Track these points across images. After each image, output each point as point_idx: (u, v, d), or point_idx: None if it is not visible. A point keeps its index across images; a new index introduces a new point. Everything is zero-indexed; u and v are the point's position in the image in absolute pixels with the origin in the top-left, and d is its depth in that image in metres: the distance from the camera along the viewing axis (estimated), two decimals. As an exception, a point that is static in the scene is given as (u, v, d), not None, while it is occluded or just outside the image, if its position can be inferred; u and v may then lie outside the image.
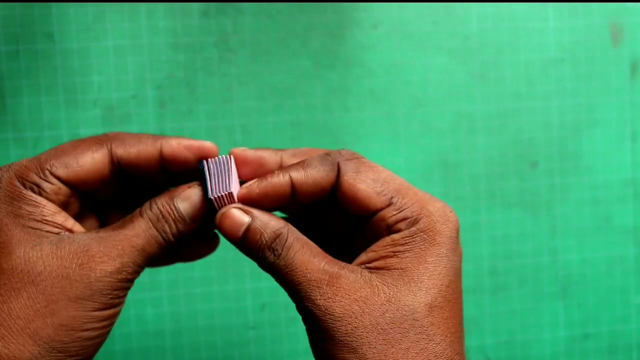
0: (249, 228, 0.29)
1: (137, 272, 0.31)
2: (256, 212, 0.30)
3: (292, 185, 0.31)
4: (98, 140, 0.32)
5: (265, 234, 0.29)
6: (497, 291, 0.51)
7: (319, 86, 0.48)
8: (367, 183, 0.30)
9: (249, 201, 0.31)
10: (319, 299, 0.28)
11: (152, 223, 0.30)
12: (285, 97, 0.48)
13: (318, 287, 0.28)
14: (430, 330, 0.28)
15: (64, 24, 0.46)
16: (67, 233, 0.30)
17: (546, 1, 0.50)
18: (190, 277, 0.48)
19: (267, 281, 0.50)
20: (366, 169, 0.31)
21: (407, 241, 0.29)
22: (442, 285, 0.29)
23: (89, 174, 0.31)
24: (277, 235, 0.29)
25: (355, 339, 0.28)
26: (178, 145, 0.32)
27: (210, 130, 0.47)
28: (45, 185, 0.30)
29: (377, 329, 0.28)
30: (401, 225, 0.30)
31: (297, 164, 0.31)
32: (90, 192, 0.32)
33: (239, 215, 0.30)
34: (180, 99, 0.47)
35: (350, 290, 0.28)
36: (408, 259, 0.29)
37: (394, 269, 0.29)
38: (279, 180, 0.31)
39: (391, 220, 0.30)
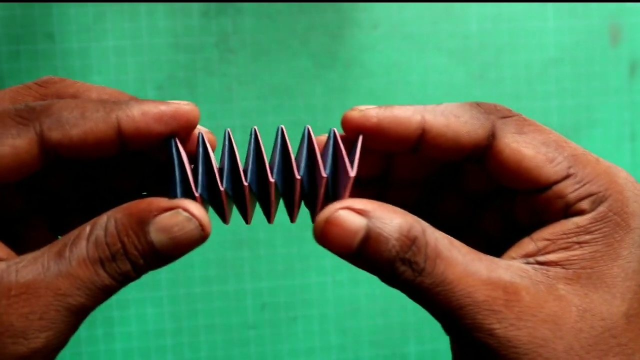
0: (368, 235, 0.20)
1: (71, 334, 0.21)
2: (372, 208, 0.21)
3: (423, 130, 0.23)
4: (20, 120, 0.21)
5: (394, 241, 0.20)
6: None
7: (319, 86, 0.48)
8: (536, 147, 0.22)
9: (356, 129, 0.23)
10: (498, 328, 0.20)
11: (101, 267, 0.20)
12: (286, 97, 0.48)
13: (493, 311, 0.20)
14: (629, 348, 0.21)
15: (65, 25, 0.46)
16: None
17: (545, 1, 0.50)
18: (191, 277, 0.48)
19: (267, 281, 0.50)
20: (531, 128, 0.23)
21: (596, 227, 0.22)
22: (637, 286, 0.22)
23: (6, 168, 0.21)
24: (412, 241, 0.20)
25: None
26: (143, 117, 0.22)
27: (210, 130, 0.47)
28: None
29: (571, 356, 0.21)
30: (584, 204, 0.22)
31: (435, 106, 0.23)
32: (18, 184, 0.23)
33: (350, 219, 0.20)
34: (180, 99, 0.47)
35: (535, 307, 0.21)
36: (599, 254, 0.21)
37: (580, 268, 0.21)
38: (407, 117, 0.23)
39: (572, 197, 0.22)
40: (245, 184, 0.22)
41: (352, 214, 0.20)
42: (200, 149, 0.23)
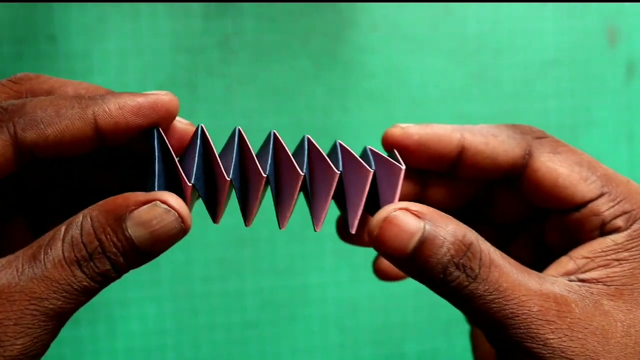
0: (424, 237, 0.20)
1: (51, 338, 0.21)
2: (428, 212, 0.21)
3: (462, 148, 0.23)
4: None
5: (449, 245, 0.20)
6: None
7: (319, 87, 0.49)
8: (570, 166, 0.23)
9: (397, 146, 0.24)
10: (553, 339, 0.20)
11: (78, 268, 0.20)
12: (286, 98, 0.48)
13: (547, 321, 0.20)
14: None
15: (66, 26, 0.46)
16: None
17: (544, 1, 0.50)
18: (191, 276, 0.48)
19: (268, 280, 0.51)
20: (565, 149, 0.24)
21: (633, 244, 0.22)
22: None
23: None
24: (467, 246, 0.20)
25: None
26: (121, 111, 0.21)
27: (211, 130, 0.47)
28: None
29: None
30: (619, 222, 0.23)
31: (474, 126, 0.24)
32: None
33: (407, 221, 0.20)
34: (181, 99, 0.47)
35: (585, 320, 0.21)
36: (637, 270, 0.22)
37: (621, 285, 0.22)
38: (447, 135, 0.23)
39: (607, 214, 0.23)
40: (264, 175, 0.22)
41: (409, 215, 0.20)
42: (199, 140, 0.23)
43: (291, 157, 0.23)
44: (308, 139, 0.23)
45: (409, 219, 0.20)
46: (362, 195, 0.22)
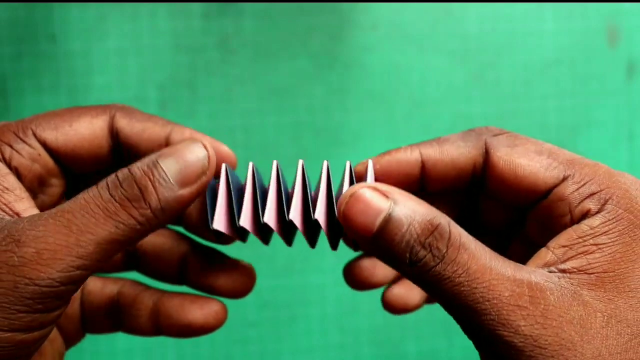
0: (390, 216, 0.20)
1: (77, 268, 0.21)
2: (397, 194, 0.20)
3: (422, 164, 0.24)
4: (101, 107, 0.25)
5: (416, 224, 0.20)
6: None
7: (319, 87, 0.49)
8: (529, 156, 0.23)
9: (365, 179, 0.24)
10: (524, 325, 0.19)
11: (107, 190, 0.21)
12: (286, 97, 0.48)
13: (518, 306, 0.19)
14: None
15: (66, 26, 0.46)
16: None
17: (544, 1, 0.50)
18: (192, 276, 0.48)
19: (268, 280, 0.51)
20: (523, 141, 0.23)
21: (609, 226, 0.21)
22: None
23: (83, 143, 0.24)
24: (433, 227, 0.20)
25: None
26: (190, 137, 0.25)
27: (211, 130, 0.48)
28: (20, 146, 0.23)
29: None
30: (589, 204, 0.21)
31: (431, 140, 0.24)
32: (79, 169, 0.25)
33: (374, 199, 0.20)
34: (181, 99, 0.48)
35: (561, 309, 0.20)
36: (618, 255, 0.21)
37: (602, 272, 0.21)
38: (406, 156, 0.24)
39: (573, 197, 0.22)
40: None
41: (377, 194, 0.20)
42: (249, 181, 0.25)
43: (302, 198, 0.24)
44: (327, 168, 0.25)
45: (376, 196, 0.20)
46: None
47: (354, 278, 0.30)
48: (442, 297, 0.21)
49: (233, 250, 0.32)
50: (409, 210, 0.20)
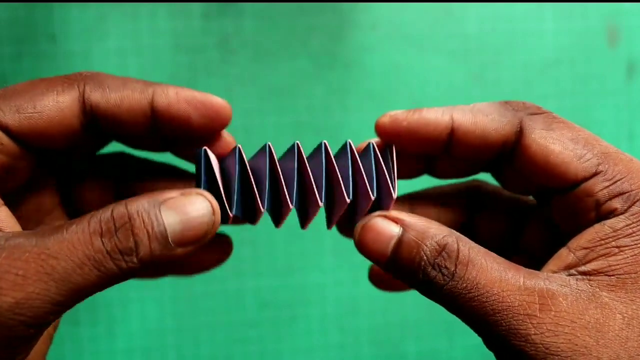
0: (400, 241, 0.21)
1: (51, 314, 0.19)
2: (407, 218, 0.22)
3: (452, 130, 0.23)
4: (67, 80, 0.22)
5: (425, 247, 0.21)
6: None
7: (319, 87, 0.49)
8: (563, 143, 0.22)
9: (387, 134, 0.23)
10: (534, 334, 0.20)
11: (99, 237, 0.19)
12: (286, 97, 0.48)
13: (528, 315, 0.20)
14: None
15: (66, 26, 0.46)
16: None
17: (544, 1, 0.50)
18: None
19: (268, 280, 0.51)
20: (560, 125, 0.23)
21: (633, 229, 0.21)
22: None
23: (51, 125, 0.22)
24: (441, 247, 0.21)
25: None
26: (176, 96, 0.23)
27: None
28: None
29: None
30: (616, 203, 0.21)
31: (464, 106, 0.24)
32: (50, 152, 0.23)
33: (384, 226, 0.21)
34: (181, 99, 0.48)
35: (574, 314, 0.20)
36: None
37: (624, 273, 0.20)
38: (436, 117, 0.23)
39: (601, 195, 0.21)
40: (291, 206, 0.23)
41: (387, 221, 0.21)
42: (238, 166, 0.24)
43: (314, 185, 0.23)
44: (325, 146, 0.24)
45: (386, 224, 0.21)
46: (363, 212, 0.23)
47: (376, 279, 0.29)
48: (458, 312, 0.21)
49: (233, 249, 0.32)
50: (418, 233, 0.21)
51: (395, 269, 0.21)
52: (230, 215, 0.23)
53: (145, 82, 0.23)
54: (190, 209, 0.20)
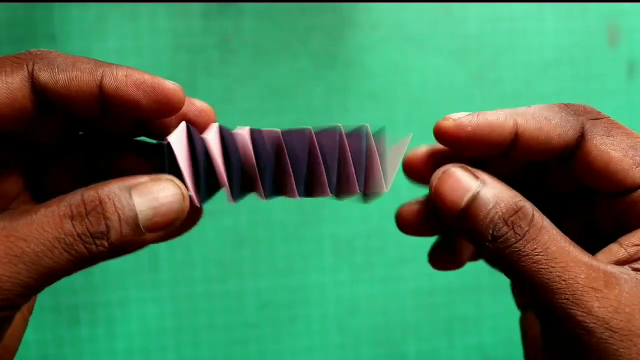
0: (477, 196, 0.21)
1: (21, 297, 0.19)
2: (487, 176, 0.22)
3: (516, 134, 0.23)
4: (16, 59, 0.21)
5: (502, 203, 0.21)
6: (496, 290, 0.51)
7: (319, 87, 0.49)
8: (623, 150, 0.23)
9: (450, 138, 0.23)
10: (598, 307, 0.20)
11: (69, 220, 0.19)
12: (286, 97, 0.48)
13: (593, 288, 0.20)
14: None
15: (66, 26, 0.46)
16: None
17: (544, 1, 0.50)
18: (191, 276, 0.48)
19: (267, 280, 0.51)
20: (619, 131, 0.23)
21: None
22: None
23: (1, 108, 0.21)
24: (518, 207, 0.21)
25: None
26: (125, 79, 0.22)
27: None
28: None
29: None
30: None
31: (524, 108, 0.24)
32: (8, 135, 0.23)
33: (464, 178, 0.22)
34: (181, 99, 0.48)
35: (634, 297, 0.20)
36: None
37: None
38: (500, 120, 0.23)
39: None
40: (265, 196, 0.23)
41: (468, 173, 0.22)
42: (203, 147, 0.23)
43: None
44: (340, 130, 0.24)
45: (466, 175, 0.22)
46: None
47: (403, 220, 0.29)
48: (519, 274, 0.21)
49: (232, 251, 0.32)
50: (496, 191, 0.21)
51: (465, 222, 0.21)
52: (198, 205, 0.22)
53: (97, 62, 0.22)
54: (160, 194, 0.20)
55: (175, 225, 0.21)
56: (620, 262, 0.22)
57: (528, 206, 0.21)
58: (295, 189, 0.23)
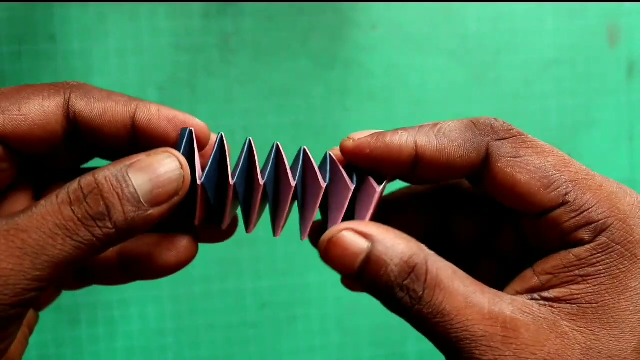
0: (368, 258, 0.21)
1: (29, 290, 0.19)
2: (376, 232, 0.21)
3: (416, 155, 0.22)
4: (54, 87, 0.23)
5: (393, 267, 0.20)
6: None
7: (319, 86, 0.49)
8: (530, 172, 0.22)
9: (352, 158, 0.23)
10: None
11: (68, 206, 0.19)
12: (286, 97, 0.48)
13: (490, 347, 0.20)
14: None
15: (66, 25, 0.46)
16: None
17: (544, 1, 0.50)
18: (191, 276, 0.48)
19: (267, 280, 0.51)
20: (529, 151, 0.22)
21: (598, 259, 0.21)
22: None
23: (34, 129, 0.22)
24: (410, 268, 0.20)
25: None
26: (158, 114, 0.23)
27: (211, 130, 0.48)
28: None
29: None
30: (583, 233, 0.21)
31: (430, 126, 0.23)
32: (31, 156, 0.23)
33: (353, 241, 0.21)
34: (181, 99, 0.48)
35: (535, 345, 0.20)
36: (603, 287, 0.20)
37: (585, 303, 0.20)
38: (399, 142, 0.22)
39: (567, 226, 0.21)
40: (261, 183, 0.23)
41: (356, 236, 0.21)
42: (217, 147, 0.24)
43: (288, 168, 0.23)
44: (304, 150, 0.24)
45: (355, 239, 0.21)
46: (342, 210, 0.23)
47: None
48: (424, 333, 0.21)
49: (232, 251, 0.32)
50: (388, 249, 0.20)
51: (363, 284, 0.21)
52: (199, 182, 0.22)
53: (130, 97, 0.23)
54: (157, 166, 0.21)
55: (178, 196, 0.21)
56: (534, 291, 0.21)
57: (421, 261, 0.20)
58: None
